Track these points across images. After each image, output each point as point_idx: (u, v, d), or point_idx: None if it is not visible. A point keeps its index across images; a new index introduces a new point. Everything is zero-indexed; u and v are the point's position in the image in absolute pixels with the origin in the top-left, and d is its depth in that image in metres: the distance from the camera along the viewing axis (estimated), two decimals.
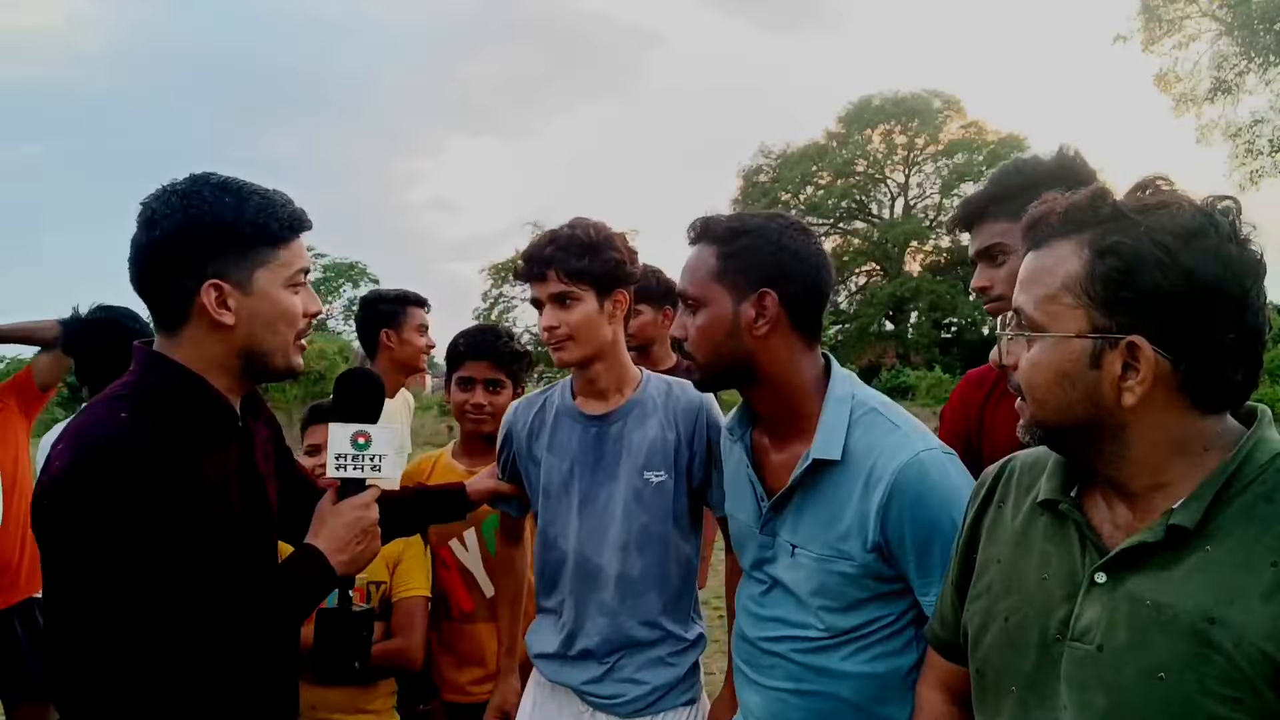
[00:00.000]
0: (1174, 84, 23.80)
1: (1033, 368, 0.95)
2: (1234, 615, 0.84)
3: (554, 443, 1.82)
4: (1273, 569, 0.84)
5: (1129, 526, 0.95)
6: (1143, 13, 23.32)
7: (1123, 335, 0.89)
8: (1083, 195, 0.94)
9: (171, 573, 1.17)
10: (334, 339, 27.36)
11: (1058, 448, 1.00)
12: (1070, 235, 0.92)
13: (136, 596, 1.15)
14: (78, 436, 1.19)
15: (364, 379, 1.53)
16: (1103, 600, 0.92)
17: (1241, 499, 0.88)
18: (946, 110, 31.89)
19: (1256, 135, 22.91)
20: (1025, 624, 0.99)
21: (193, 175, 1.27)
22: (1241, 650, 0.83)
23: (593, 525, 1.77)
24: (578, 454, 1.80)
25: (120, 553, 1.13)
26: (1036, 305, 0.94)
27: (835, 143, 32.64)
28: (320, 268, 35.43)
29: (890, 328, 31.83)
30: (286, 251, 1.29)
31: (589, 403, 1.83)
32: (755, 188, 33.26)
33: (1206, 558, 0.88)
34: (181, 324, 1.26)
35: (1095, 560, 0.94)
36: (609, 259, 1.73)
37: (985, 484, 1.16)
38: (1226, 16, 22.19)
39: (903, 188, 33.21)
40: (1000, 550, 1.07)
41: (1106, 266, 0.89)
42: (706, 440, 1.78)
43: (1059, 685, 0.95)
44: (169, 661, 1.18)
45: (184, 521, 1.19)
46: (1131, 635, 0.89)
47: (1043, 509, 1.03)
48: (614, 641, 1.76)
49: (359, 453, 1.42)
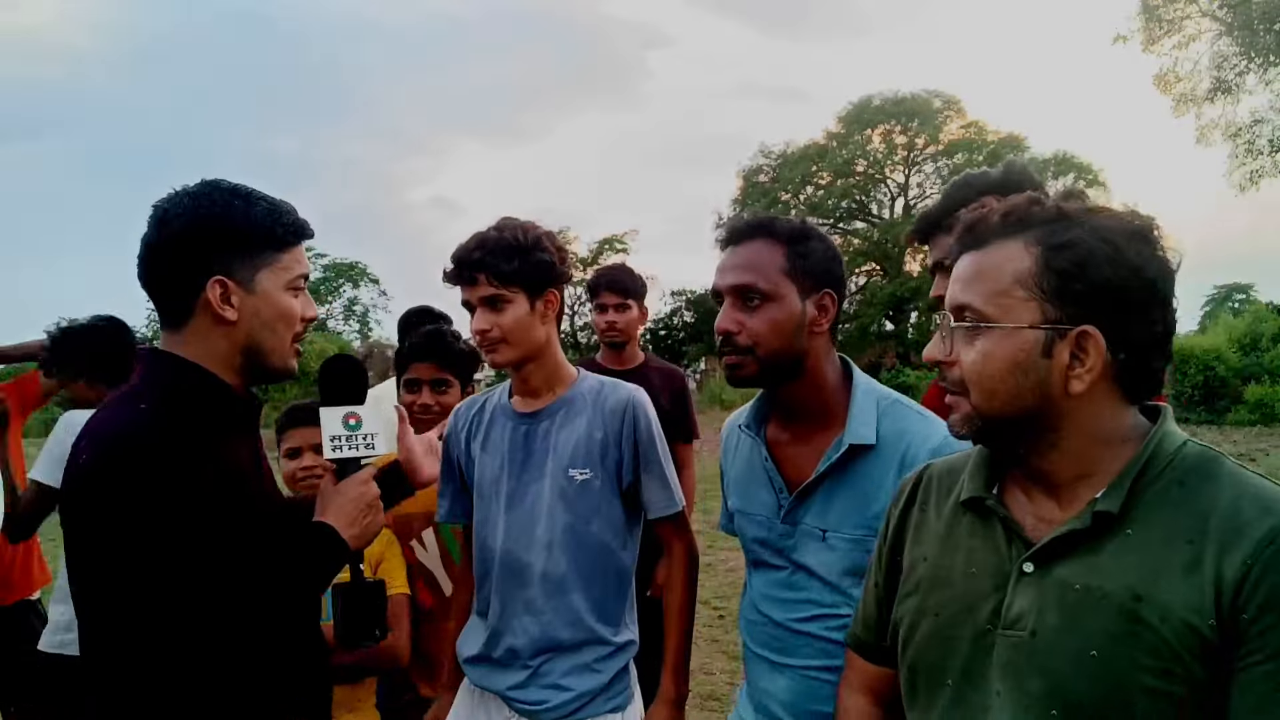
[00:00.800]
0: (1174, 84, 23.81)
1: (985, 359, 0.98)
2: (1159, 592, 0.90)
3: (488, 442, 1.82)
4: (1189, 546, 0.91)
5: (1053, 518, 1.00)
6: (1143, 13, 23.32)
7: (1073, 326, 0.95)
8: (1021, 199, 1.01)
9: (201, 553, 1.21)
10: (334, 339, 27.37)
11: (993, 440, 1.04)
12: (1015, 235, 0.98)
13: (169, 577, 1.19)
14: (99, 431, 1.24)
15: (345, 364, 1.56)
16: (1033, 589, 0.98)
17: (1156, 486, 0.95)
18: (946, 110, 31.86)
19: (1256, 135, 22.93)
20: (956, 618, 1.04)
21: (204, 180, 1.35)
22: (1168, 624, 0.89)
23: (520, 523, 1.77)
24: (507, 452, 1.81)
25: (150, 535, 1.17)
26: (987, 300, 0.98)
27: (835, 143, 32.60)
28: (320, 268, 35.46)
29: (890, 328, 31.82)
30: (288, 256, 1.37)
31: (523, 401, 1.84)
32: (755, 188, 33.24)
33: (1129, 541, 0.94)
34: (187, 319, 1.33)
35: (1021, 552, 1.00)
36: (539, 260, 1.73)
37: (905, 490, 1.22)
38: (1226, 16, 22.19)
39: (903, 188, 33.19)
40: (926, 549, 1.12)
41: (1061, 261, 0.95)
42: (634, 440, 1.78)
43: (991, 673, 0.99)
44: (201, 641, 1.22)
45: (209, 503, 1.24)
46: (1062, 619, 0.95)
47: (965, 509, 1.09)
48: (539, 642, 1.75)
49: (352, 433, 1.48)
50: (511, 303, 1.72)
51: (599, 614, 1.77)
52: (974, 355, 0.99)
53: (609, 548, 1.78)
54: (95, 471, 1.19)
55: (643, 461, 1.80)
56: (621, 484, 1.79)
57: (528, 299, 1.73)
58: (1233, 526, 0.90)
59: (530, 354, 1.77)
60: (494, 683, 1.79)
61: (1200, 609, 0.88)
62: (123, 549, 1.18)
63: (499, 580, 1.79)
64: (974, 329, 0.99)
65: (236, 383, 1.37)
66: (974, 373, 0.99)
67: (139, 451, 1.19)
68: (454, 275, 1.75)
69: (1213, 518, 0.91)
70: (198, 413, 1.29)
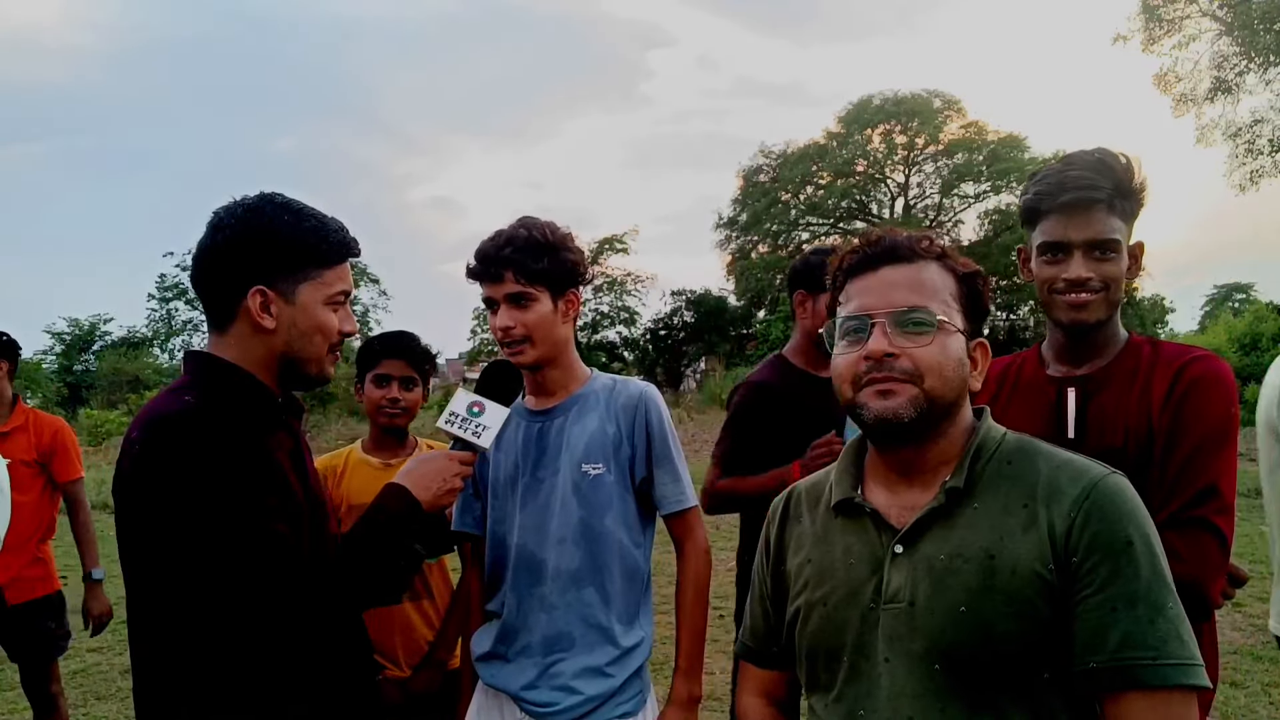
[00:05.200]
0: (1174, 84, 23.84)
1: (944, 351, 1.15)
2: (1007, 549, 1.09)
3: (501, 440, 1.82)
4: (1024, 510, 1.11)
5: (913, 504, 1.18)
6: (1143, 13, 23.34)
7: (979, 338, 1.23)
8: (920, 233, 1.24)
9: (248, 529, 1.27)
10: None
11: (925, 425, 1.16)
12: (929, 259, 1.20)
13: (218, 551, 1.24)
14: (148, 421, 1.31)
15: (510, 370, 1.68)
16: (905, 566, 1.14)
17: (989, 466, 1.16)
18: (946, 110, 31.85)
19: (1256, 135, 22.94)
20: (843, 602, 1.19)
21: (261, 193, 1.44)
22: (1018, 575, 1.07)
23: (534, 518, 1.78)
24: (522, 449, 1.83)
25: (200, 511, 1.24)
26: (939, 306, 1.17)
27: (835, 143, 32.58)
28: None
29: None
30: (331, 273, 1.44)
31: (537, 400, 1.86)
32: (755, 188, 33.22)
33: (976, 513, 1.13)
34: (229, 322, 1.41)
35: (890, 537, 1.17)
36: (564, 260, 1.75)
37: (779, 509, 1.38)
38: (1226, 16, 22.20)
39: (903, 188, 33.19)
40: (807, 553, 1.28)
41: (968, 287, 1.21)
42: (646, 435, 1.80)
43: (879, 644, 1.14)
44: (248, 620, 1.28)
45: (259, 484, 1.31)
46: (933, 586, 1.11)
47: (835, 512, 1.25)
48: (552, 639, 1.75)
49: (470, 418, 1.56)
50: (536, 301, 1.73)
51: (612, 610, 1.77)
52: (934, 349, 1.15)
53: (622, 543, 1.79)
54: (146, 454, 1.27)
55: (655, 457, 1.81)
56: (634, 479, 1.80)
57: (551, 298, 1.74)
58: (1054, 490, 1.11)
59: (551, 353, 1.78)
60: (505, 682, 1.79)
61: (1041, 558, 1.07)
62: (173, 526, 1.24)
63: (514, 576, 1.79)
64: (930, 327, 1.15)
65: (274, 386, 1.44)
66: (935, 362, 1.14)
67: (188, 435, 1.27)
68: (479, 271, 1.75)
69: (1039, 486, 1.12)
70: (237, 407, 1.36)
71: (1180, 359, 1.57)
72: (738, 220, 33.74)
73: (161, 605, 1.30)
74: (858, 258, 1.23)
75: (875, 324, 1.15)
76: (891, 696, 1.12)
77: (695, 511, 1.86)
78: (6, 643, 3.30)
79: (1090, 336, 1.62)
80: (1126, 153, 1.59)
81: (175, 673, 1.30)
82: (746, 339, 30.82)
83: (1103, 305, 1.57)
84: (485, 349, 28.32)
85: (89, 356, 29.69)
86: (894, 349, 1.13)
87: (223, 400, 1.35)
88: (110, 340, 30.18)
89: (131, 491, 1.29)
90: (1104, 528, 1.06)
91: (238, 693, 1.30)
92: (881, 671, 1.14)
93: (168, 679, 1.31)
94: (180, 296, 28.71)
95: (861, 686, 1.16)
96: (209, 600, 1.26)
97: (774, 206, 32.73)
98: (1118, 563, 1.05)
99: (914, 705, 1.10)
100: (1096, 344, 1.63)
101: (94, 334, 30.24)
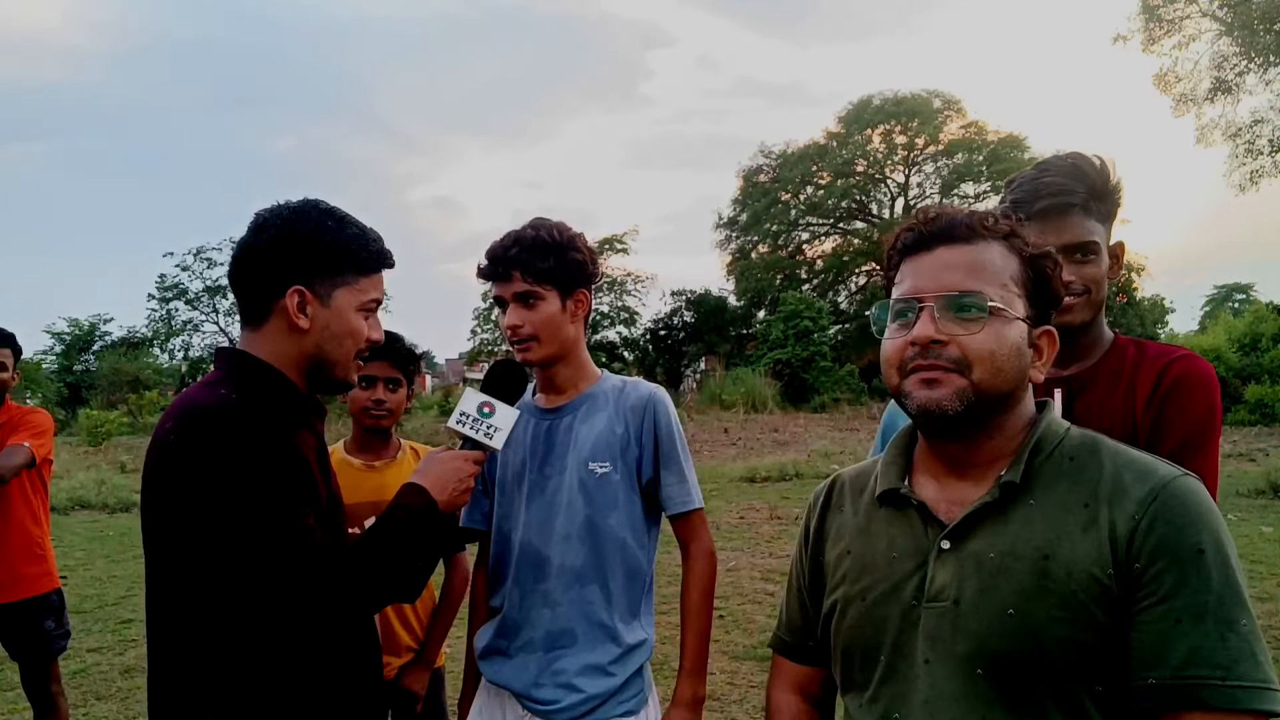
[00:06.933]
0: (1174, 84, 23.82)
1: (998, 340, 1.06)
2: (1063, 550, 1.01)
3: (511, 438, 1.84)
4: (1085, 509, 1.03)
5: (963, 498, 1.10)
6: (1143, 13, 23.34)
7: (1042, 325, 1.12)
8: (987, 212, 1.13)
9: (292, 521, 1.30)
10: None
11: (973, 418, 1.08)
12: (993, 239, 1.10)
13: (246, 541, 1.26)
14: (183, 410, 1.34)
15: (516, 369, 1.69)
16: (952, 563, 1.07)
17: (1049, 461, 1.08)
18: (946, 110, 31.86)
19: (1256, 135, 22.94)
20: (883, 598, 1.13)
21: (305, 198, 1.48)
22: (1074, 578, 0.99)
23: (539, 515, 1.80)
24: (530, 446, 1.85)
25: (230, 500, 1.26)
26: (995, 290, 1.07)
27: (835, 143, 32.60)
28: None
29: None
30: (367, 281, 1.48)
31: (546, 398, 1.88)
32: (755, 188, 33.24)
33: (1032, 510, 1.05)
34: (264, 320, 1.44)
35: (937, 532, 1.10)
36: (572, 260, 1.77)
37: (820, 497, 1.32)
38: (1226, 16, 22.19)
39: (903, 188, 33.19)
40: (848, 544, 1.21)
41: (1035, 270, 1.10)
42: (654, 436, 1.82)
43: (919, 644, 1.08)
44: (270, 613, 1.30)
45: (292, 480, 1.34)
46: (981, 585, 1.04)
47: (880, 502, 1.18)
48: (554, 635, 1.77)
49: (481, 419, 1.58)
50: (544, 300, 1.76)
51: (614, 608, 1.78)
52: (985, 337, 1.05)
53: (626, 543, 1.80)
54: (183, 445, 1.29)
55: (662, 458, 1.82)
56: (641, 480, 1.82)
57: (559, 297, 1.77)
58: (1119, 489, 1.02)
59: (560, 352, 1.81)
60: (507, 678, 1.81)
61: (1100, 561, 0.99)
62: (209, 515, 1.26)
63: (517, 572, 1.81)
64: (982, 314, 1.06)
65: (301, 385, 1.47)
66: (986, 352, 1.05)
67: (227, 427, 1.29)
68: (489, 271, 1.79)
69: (1101, 485, 1.04)
70: (270, 404, 1.39)
71: (1163, 358, 1.58)
72: (738, 220, 33.76)
73: (187, 595, 1.31)
74: (913, 236, 1.12)
75: (924, 307, 1.07)
76: (930, 700, 1.05)
77: (700, 514, 1.88)
78: (6, 642, 3.31)
79: (1075, 338, 1.62)
80: (1100, 154, 1.60)
81: (195, 665, 1.31)
82: (746, 339, 30.82)
83: (1086, 307, 1.58)
84: (485, 349, 28.33)
85: (89, 357, 29.66)
86: (941, 335, 1.05)
87: (257, 396, 1.38)
88: (110, 340, 30.14)
89: (165, 481, 1.30)
90: (1172, 532, 0.98)
91: (256, 686, 1.31)
92: (920, 674, 1.07)
93: (187, 670, 1.32)
94: (180, 297, 28.68)
95: (898, 688, 1.09)
96: (237, 592, 1.27)
97: (774, 206, 32.73)
98: (1185, 571, 0.96)
99: (953, 710, 1.03)
100: (1082, 345, 1.63)
101: (94, 334, 30.20)
